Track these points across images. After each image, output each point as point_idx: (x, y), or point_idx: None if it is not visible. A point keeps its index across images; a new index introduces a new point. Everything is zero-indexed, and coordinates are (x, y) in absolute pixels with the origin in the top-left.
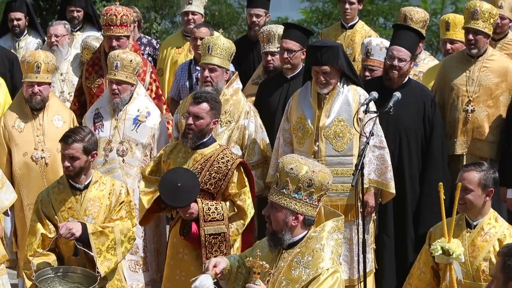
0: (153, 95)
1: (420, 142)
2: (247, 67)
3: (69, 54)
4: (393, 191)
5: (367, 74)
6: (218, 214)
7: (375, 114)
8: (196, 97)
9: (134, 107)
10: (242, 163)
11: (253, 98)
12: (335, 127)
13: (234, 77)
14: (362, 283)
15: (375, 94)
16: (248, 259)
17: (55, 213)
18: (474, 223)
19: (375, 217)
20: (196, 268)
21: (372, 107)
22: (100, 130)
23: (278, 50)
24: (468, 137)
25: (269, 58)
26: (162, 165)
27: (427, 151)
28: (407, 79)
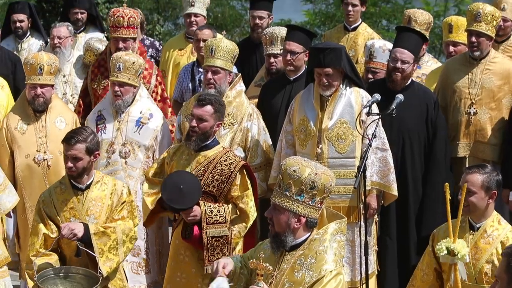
0: (158, 98)
1: (423, 144)
2: (250, 69)
3: (72, 56)
4: (395, 193)
5: (370, 76)
6: (220, 217)
7: (378, 116)
8: (200, 99)
9: (137, 109)
10: (245, 166)
11: (255, 100)
12: (338, 129)
13: (237, 79)
14: (364, 285)
15: (377, 96)
16: (251, 261)
17: (57, 213)
18: (477, 226)
19: (377, 219)
20: (197, 270)
21: (374, 109)
22: (102, 132)
23: (281, 52)
24: (470, 139)
25: (271, 60)
26: (165, 167)
27: (430, 153)
28: (410, 81)
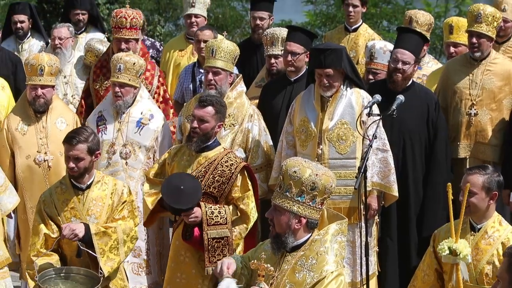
0: (160, 99)
1: (423, 145)
2: (250, 70)
3: (72, 56)
4: (396, 194)
5: (370, 77)
6: (221, 218)
7: (378, 117)
8: (201, 100)
9: (138, 110)
10: (246, 167)
11: (256, 101)
12: (338, 129)
13: (238, 80)
14: (365, 286)
15: (378, 97)
16: (253, 261)
17: (58, 213)
18: (478, 226)
19: (378, 220)
20: (197, 271)
21: (375, 110)
22: (103, 132)
23: (282, 53)
24: (471, 140)
25: (272, 61)
26: (166, 167)
27: (431, 154)
28: (411, 82)
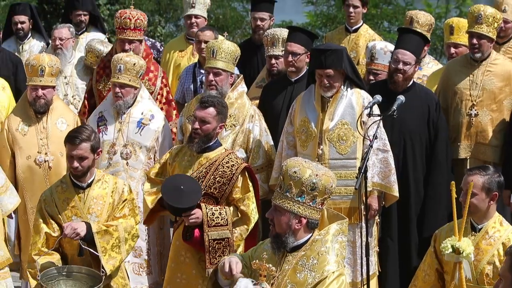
0: (163, 100)
1: (424, 146)
2: (251, 70)
3: (73, 57)
4: (396, 194)
5: (371, 78)
6: (222, 219)
7: (379, 117)
8: (202, 101)
9: (138, 110)
10: (247, 168)
11: (257, 101)
12: (339, 130)
13: (239, 80)
14: (366, 286)
15: (378, 98)
16: (254, 261)
17: (59, 212)
18: (479, 227)
19: (378, 220)
20: (197, 272)
21: (375, 110)
22: (104, 133)
23: (282, 53)
24: (471, 141)
25: (273, 62)
26: (167, 167)
27: (432, 154)
28: (411, 82)
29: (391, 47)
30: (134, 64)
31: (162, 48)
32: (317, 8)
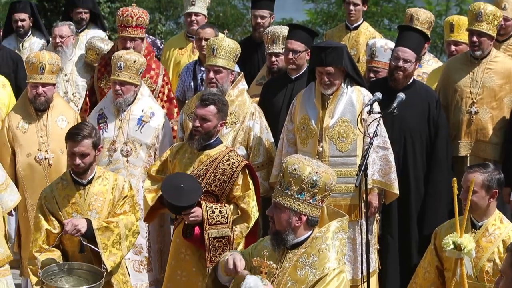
0: (164, 98)
1: (424, 143)
2: (251, 68)
3: (73, 54)
4: (396, 191)
5: (371, 75)
6: (222, 218)
7: (379, 115)
8: (203, 99)
9: (138, 108)
10: (248, 166)
11: (257, 99)
12: (339, 127)
13: (239, 78)
14: (366, 284)
15: (379, 95)
16: (255, 258)
17: (59, 208)
18: (479, 224)
19: (378, 217)
20: (197, 269)
21: (376, 108)
22: (104, 130)
23: (283, 51)
24: (472, 138)
25: (273, 59)
26: (168, 165)
27: (432, 152)
28: (412, 80)
29: (391, 44)
30: (134, 61)
31: (162, 45)
32: (317, 6)
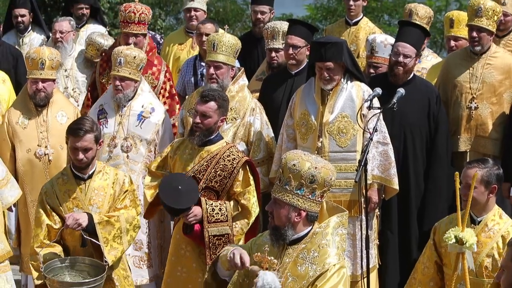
0: (166, 94)
1: (424, 139)
2: (251, 63)
3: (73, 50)
4: (396, 187)
5: (371, 71)
6: (222, 215)
7: (379, 110)
8: (203, 95)
9: (139, 103)
10: (248, 162)
11: (257, 94)
12: (339, 123)
13: (240, 73)
14: (365, 279)
15: (378, 90)
16: (256, 254)
17: (60, 203)
18: (478, 219)
19: (378, 213)
20: (197, 265)
21: (375, 103)
22: (104, 126)
23: (283, 46)
24: (471, 134)
25: (273, 55)
26: (168, 160)
27: (432, 147)
28: (412, 75)
29: (391, 40)
30: (135, 57)
31: (162, 40)
32: (317, 1)
